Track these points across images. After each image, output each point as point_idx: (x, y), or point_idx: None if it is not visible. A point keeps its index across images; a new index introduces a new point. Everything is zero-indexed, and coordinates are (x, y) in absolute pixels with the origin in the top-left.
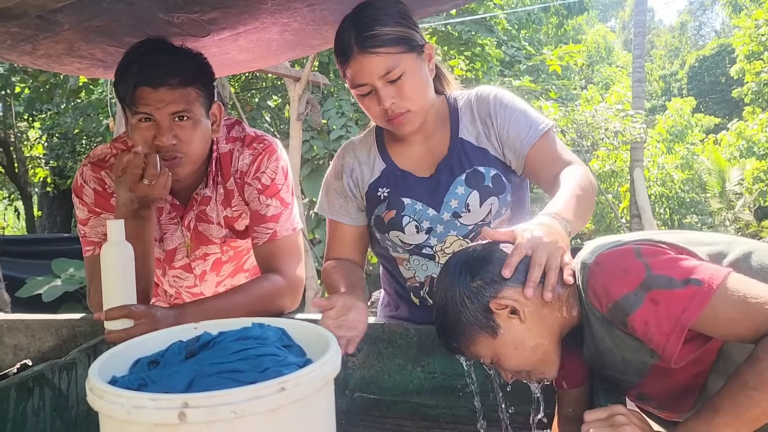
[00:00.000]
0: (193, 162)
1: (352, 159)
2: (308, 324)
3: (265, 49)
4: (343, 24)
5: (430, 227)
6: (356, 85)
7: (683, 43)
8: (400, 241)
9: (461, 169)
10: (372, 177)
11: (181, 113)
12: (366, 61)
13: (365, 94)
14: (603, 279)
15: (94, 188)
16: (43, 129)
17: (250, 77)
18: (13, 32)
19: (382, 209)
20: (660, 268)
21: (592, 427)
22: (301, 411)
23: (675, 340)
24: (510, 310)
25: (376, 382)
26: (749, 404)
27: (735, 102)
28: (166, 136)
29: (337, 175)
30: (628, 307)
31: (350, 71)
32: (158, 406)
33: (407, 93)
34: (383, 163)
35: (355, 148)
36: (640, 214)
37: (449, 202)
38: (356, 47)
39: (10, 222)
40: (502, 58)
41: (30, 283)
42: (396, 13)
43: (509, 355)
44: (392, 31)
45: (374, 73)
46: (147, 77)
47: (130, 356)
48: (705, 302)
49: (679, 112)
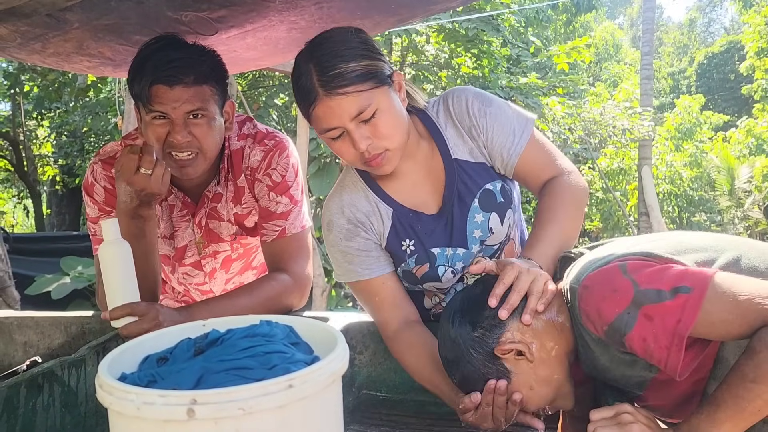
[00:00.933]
0: (208, 159)
1: (356, 213)
2: (316, 321)
3: (273, 47)
4: (300, 63)
5: (464, 266)
6: (325, 130)
7: (692, 40)
8: (436, 288)
9: (470, 194)
10: (386, 228)
11: (195, 111)
12: (334, 103)
13: (336, 137)
14: (594, 302)
15: (105, 186)
16: (51, 127)
17: (257, 75)
18: (23, 31)
19: (412, 264)
20: (647, 282)
21: (599, 426)
22: (309, 408)
23: (676, 352)
24: (516, 353)
25: (383, 380)
26: (749, 397)
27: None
28: (181, 134)
29: (349, 235)
30: (624, 327)
31: (316, 116)
32: (167, 403)
33: (383, 131)
34: (389, 207)
35: (350, 202)
36: (648, 212)
37: (473, 234)
38: (321, 90)
39: (19, 220)
40: (508, 56)
41: (39, 281)
42: (358, 45)
43: (527, 395)
44: (358, 66)
45: (345, 116)
46: (162, 75)
47: (139, 353)
48: (697, 309)
49: (688, 110)
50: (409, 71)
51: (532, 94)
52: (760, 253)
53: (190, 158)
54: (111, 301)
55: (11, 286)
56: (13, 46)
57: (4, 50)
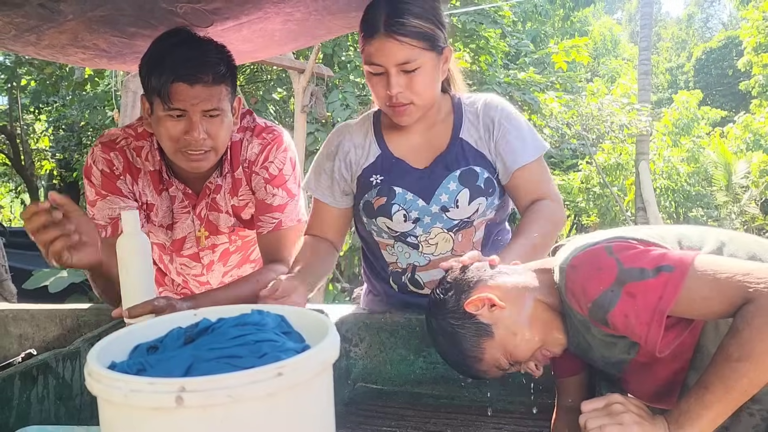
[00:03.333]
0: (219, 154)
1: (347, 141)
2: (307, 311)
3: (269, 40)
4: (376, 1)
5: (417, 217)
6: (371, 63)
7: (690, 35)
8: (387, 227)
9: (457, 165)
10: (366, 162)
11: (212, 111)
12: (389, 44)
13: (376, 74)
14: (579, 280)
15: (102, 170)
16: (49, 121)
17: (254, 69)
18: (17, 22)
19: (373, 195)
20: (631, 261)
21: (590, 417)
22: (299, 396)
23: (656, 328)
24: (488, 305)
25: (378, 372)
26: (735, 376)
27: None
28: (198, 131)
29: (329, 155)
30: (607, 304)
31: (370, 48)
32: (155, 390)
33: (416, 87)
34: (378, 149)
35: (351, 131)
36: (645, 207)
37: (440, 196)
38: (383, 28)
39: (16, 214)
40: (507, 51)
41: (36, 275)
42: (430, 9)
43: (515, 343)
44: (421, 25)
45: (392, 59)
46: (183, 73)
47: (129, 342)
48: (679, 286)
49: (686, 105)
50: None
51: (530, 90)
52: (742, 245)
53: (201, 154)
54: (128, 297)
55: (8, 280)
56: (7, 38)
57: None
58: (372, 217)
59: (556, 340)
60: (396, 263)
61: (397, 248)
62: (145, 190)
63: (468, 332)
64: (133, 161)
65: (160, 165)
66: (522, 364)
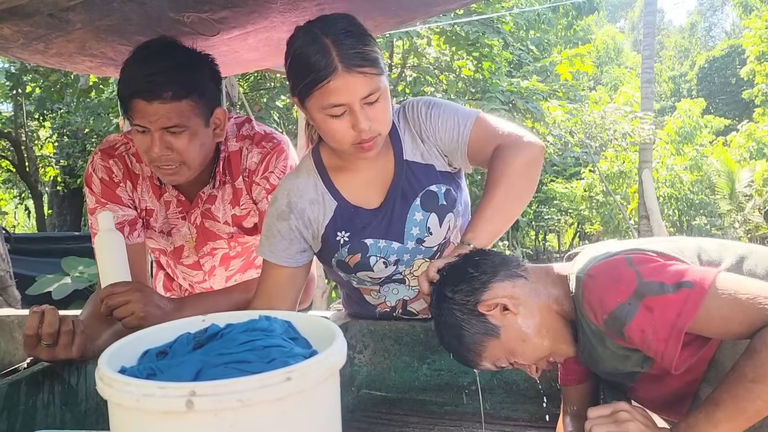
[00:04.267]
0: (192, 168)
1: (299, 199)
2: (314, 317)
3: (274, 48)
4: (310, 41)
5: (397, 259)
6: (331, 105)
7: (693, 44)
8: (369, 278)
9: (414, 193)
10: (325, 218)
11: (173, 128)
12: (352, 79)
13: (338, 115)
14: (597, 291)
15: (102, 178)
16: (53, 128)
17: (258, 77)
18: (26, 31)
19: (344, 254)
20: (651, 274)
21: (595, 424)
22: (307, 401)
23: (673, 345)
24: (500, 308)
25: (383, 379)
26: (749, 397)
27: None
28: (158, 147)
29: (282, 216)
30: (624, 317)
31: (329, 89)
32: (166, 394)
33: (380, 116)
34: (334, 201)
35: (299, 186)
36: (648, 215)
37: (410, 231)
38: (341, 65)
39: (20, 220)
40: (510, 59)
41: (40, 281)
42: (366, 32)
43: (520, 349)
44: (371, 50)
45: (357, 94)
46: (141, 89)
47: (138, 347)
48: (698, 304)
49: (689, 114)
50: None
51: (533, 98)
52: (762, 258)
53: (172, 168)
54: (104, 283)
55: (12, 286)
56: (16, 47)
57: (8, 50)
58: (350, 273)
59: (563, 350)
60: (384, 303)
61: (384, 290)
62: (144, 196)
63: (474, 329)
64: (132, 167)
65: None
66: (523, 367)
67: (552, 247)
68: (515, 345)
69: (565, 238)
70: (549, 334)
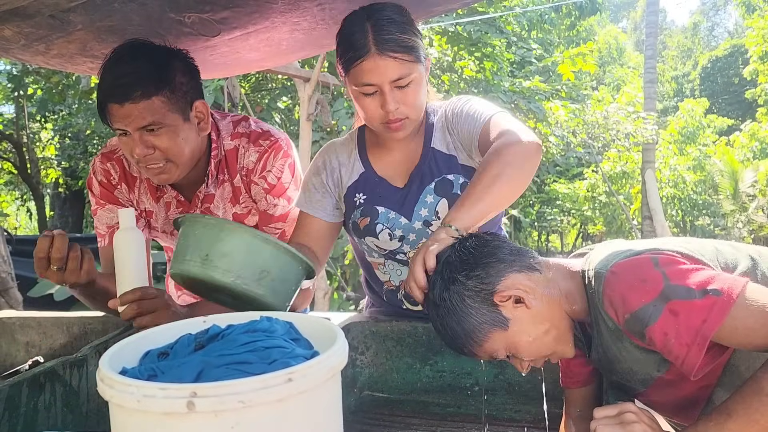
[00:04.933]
0: (182, 165)
1: (333, 159)
2: (315, 318)
3: (276, 49)
4: (355, 21)
5: (402, 235)
6: (363, 84)
7: (695, 43)
8: (375, 246)
9: (431, 177)
10: (350, 180)
11: (149, 126)
12: (382, 62)
13: (368, 94)
14: (620, 289)
15: (100, 180)
16: (55, 130)
17: (260, 78)
18: (27, 32)
19: (357, 215)
20: (678, 278)
21: (601, 424)
22: (308, 402)
23: (696, 351)
24: (514, 300)
25: (385, 381)
26: (764, 410)
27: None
28: (139, 148)
29: (317, 171)
30: (647, 318)
31: (361, 69)
32: (167, 395)
33: (410, 101)
34: (362, 167)
35: (336, 149)
36: (651, 215)
37: (419, 211)
38: (375, 47)
39: (22, 222)
40: (512, 59)
41: (42, 283)
42: (410, 22)
43: (525, 344)
44: (409, 39)
45: (386, 76)
46: (112, 93)
47: (140, 348)
48: (725, 313)
49: (691, 114)
50: None
51: (535, 98)
52: None
53: (160, 167)
54: (121, 286)
55: (14, 288)
56: (17, 48)
57: (8, 51)
58: (360, 237)
59: (563, 351)
60: (389, 281)
61: (389, 266)
62: (142, 198)
63: (482, 318)
64: (129, 170)
65: None
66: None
67: (555, 248)
68: (520, 339)
69: (568, 239)
70: (555, 333)
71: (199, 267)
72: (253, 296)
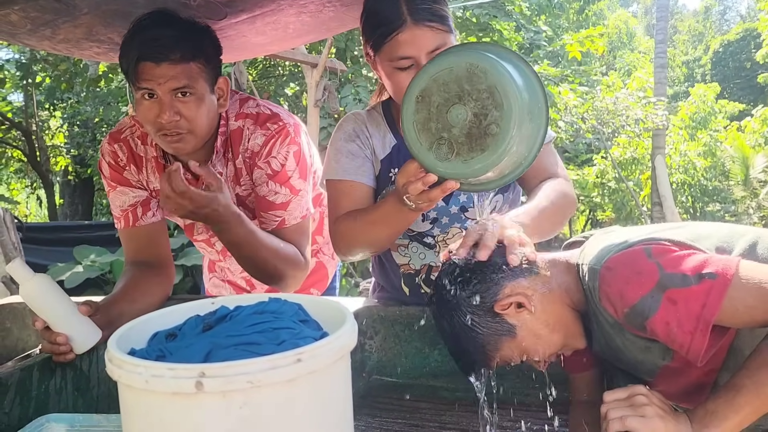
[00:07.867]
0: (199, 137)
1: (363, 128)
2: (325, 299)
3: (282, 32)
4: None
5: (435, 217)
6: (399, 58)
7: (707, 27)
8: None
9: None
10: (384, 152)
11: (183, 89)
12: (420, 32)
13: (404, 68)
14: (617, 284)
15: (109, 162)
16: (63, 118)
17: (267, 65)
18: (33, 17)
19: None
20: (672, 266)
21: (612, 407)
22: (317, 383)
23: (700, 337)
24: (516, 306)
25: (393, 365)
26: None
27: (760, 88)
28: (168, 113)
29: (350, 137)
30: (647, 311)
31: (398, 41)
32: (176, 376)
33: None
34: (394, 139)
35: (364, 119)
36: (661, 202)
37: (458, 195)
38: (410, 18)
39: (32, 210)
40: (521, 44)
41: (52, 270)
42: None
43: (535, 346)
44: (441, 8)
45: (424, 48)
46: (149, 52)
47: (148, 329)
48: (722, 295)
49: (703, 99)
50: None
51: (545, 82)
52: None
53: (179, 136)
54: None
55: None
56: (23, 33)
57: (15, 37)
58: None
59: (574, 343)
60: (408, 265)
61: (412, 249)
62: (150, 177)
63: (489, 330)
64: (136, 150)
65: (160, 150)
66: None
67: (563, 235)
68: (530, 342)
69: (577, 226)
70: (562, 328)
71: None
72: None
